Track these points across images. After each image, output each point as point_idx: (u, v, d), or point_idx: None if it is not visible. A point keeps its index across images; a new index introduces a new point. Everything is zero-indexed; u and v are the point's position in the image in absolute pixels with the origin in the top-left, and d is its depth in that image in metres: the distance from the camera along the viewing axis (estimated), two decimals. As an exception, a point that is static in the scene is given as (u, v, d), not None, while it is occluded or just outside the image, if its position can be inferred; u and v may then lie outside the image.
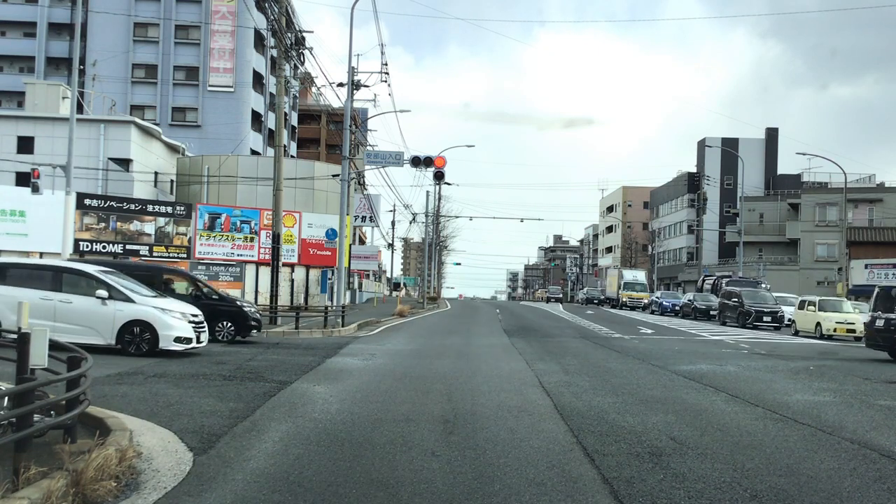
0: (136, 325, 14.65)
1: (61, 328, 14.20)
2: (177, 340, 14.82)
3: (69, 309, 14.55)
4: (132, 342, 14.63)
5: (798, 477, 6.58)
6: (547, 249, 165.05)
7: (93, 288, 14.77)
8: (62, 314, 14.46)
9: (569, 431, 8.34)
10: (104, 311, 14.60)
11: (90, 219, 33.09)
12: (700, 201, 74.96)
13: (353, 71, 29.29)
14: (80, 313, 14.60)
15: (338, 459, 6.78)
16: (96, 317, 14.61)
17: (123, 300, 14.75)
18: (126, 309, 14.68)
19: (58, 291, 14.70)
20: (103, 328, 14.62)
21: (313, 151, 68.52)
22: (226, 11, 58.41)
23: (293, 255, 38.40)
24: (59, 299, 14.56)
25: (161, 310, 14.96)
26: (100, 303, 14.58)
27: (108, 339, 14.63)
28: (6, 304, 14.33)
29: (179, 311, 15.32)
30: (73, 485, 5.31)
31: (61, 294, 14.65)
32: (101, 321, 14.60)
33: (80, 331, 14.41)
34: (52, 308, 14.43)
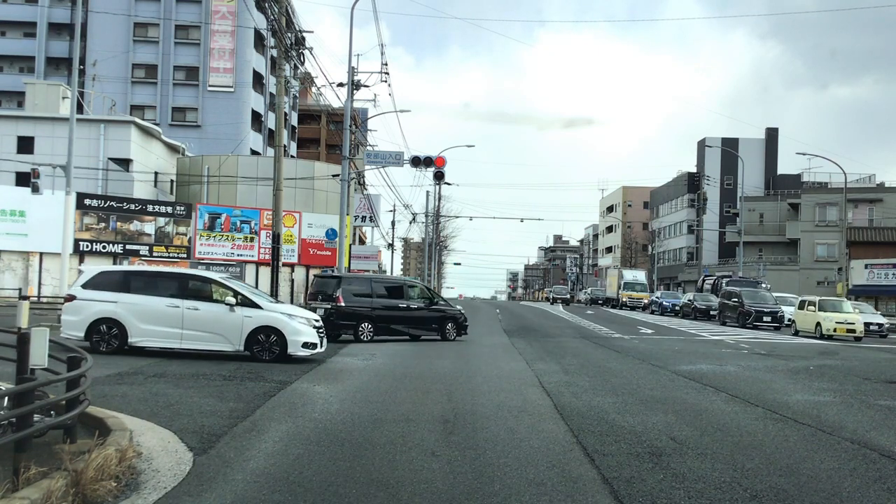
0: (264, 331, 14.50)
1: (189, 335, 14.44)
2: (304, 346, 14.70)
3: (197, 316, 14.45)
4: (261, 348, 14.49)
5: (798, 477, 6.58)
6: (547, 249, 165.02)
7: (220, 294, 14.74)
8: (190, 321, 14.40)
9: (569, 431, 8.34)
10: (232, 317, 14.46)
11: (90, 219, 33.11)
12: (700, 201, 74.97)
13: (353, 71, 29.29)
14: (208, 320, 14.50)
15: (338, 459, 6.78)
16: (225, 323, 14.46)
17: (251, 306, 14.64)
18: (254, 315, 14.53)
19: (184, 298, 14.61)
20: (232, 335, 14.46)
21: (313, 151, 68.51)
22: (226, 11, 58.41)
23: (293, 255, 38.42)
24: (187, 306, 14.44)
25: (288, 315, 14.90)
26: (228, 309, 14.47)
27: (237, 345, 14.49)
28: (133, 312, 14.53)
29: (304, 316, 15.30)
30: (73, 485, 5.31)
31: (188, 301, 14.54)
32: (229, 328, 14.46)
33: (208, 338, 14.48)
34: (180, 315, 14.40)
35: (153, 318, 14.50)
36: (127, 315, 14.49)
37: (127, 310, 14.51)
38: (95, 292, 14.77)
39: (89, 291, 14.85)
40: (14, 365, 6.60)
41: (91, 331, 14.55)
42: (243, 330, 14.44)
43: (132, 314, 14.47)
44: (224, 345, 14.50)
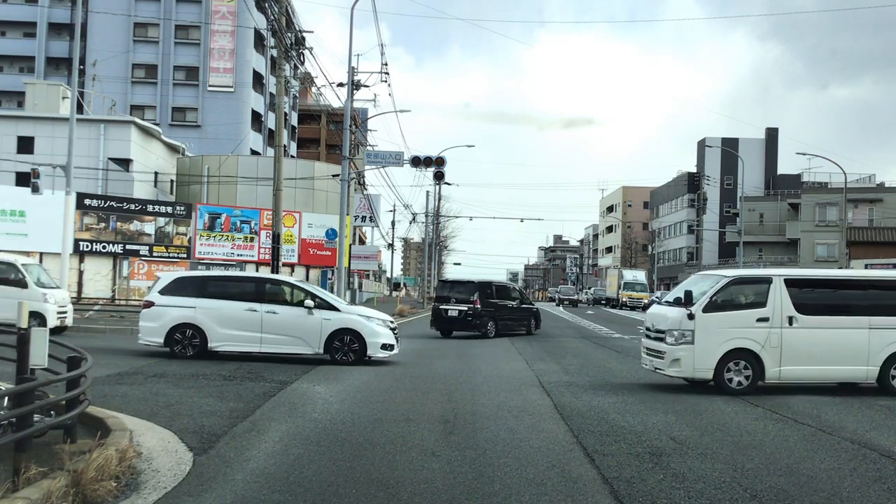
0: (343, 333, 14.55)
1: (268, 339, 14.47)
2: (383, 347, 14.72)
3: (275, 320, 14.48)
4: (340, 351, 14.52)
5: (798, 477, 6.58)
6: (547, 249, 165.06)
7: (298, 298, 14.78)
8: (269, 325, 14.41)
9: (569, 431, 8.34)
10: (311, 320, 14.49)
11: (90, 219, 33.11)
12: (700, 201, 74.96)
13: (353, 71, 29.29)
14: (287, 324, 14.51)
15: (338, 459, 6.78)
16: (304, 327, 14.49)
17: (328, 308, 14.70)
18: (333, 318, 14.59)
19: (261, 302, 14.61)
20: (311, 338, 14.49)
21: (313, 151, 68.50)
22: (226, 11, 58.40)
23: (293, 255, 38.42)
24: (265, 310, 14.47)
25: (366, 317, 14.93)
26: (306, 312, 14.52)
27: (317, 348, 14.53)
28: (212, 317, 14.51)
29: (380, 317, 15.34)
30: (73, 485, 5.31)
31: (266, 305, 14.55)
32: (308, 331, 14.49)
33: (287, 341, 14.50)
34: (259, 319, 14.42)
35: (232, 323, 14.49)
36: (206, 320, 14.48)
37: (206, 315, 14.50)
38: (173, 298, 14.71)
39: (167, 297, 14.79)
40: (14, 365, 6.60)
41: (171, 336, 14.51)
42: (322, 333, 14.46)
43: (211, 319, 14.47)
44: (304, 348, 14.51)
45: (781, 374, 11.63)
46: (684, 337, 11.58)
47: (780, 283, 11.72)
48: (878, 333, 11.76)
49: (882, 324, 11.80)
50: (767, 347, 11.53)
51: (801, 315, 11.63)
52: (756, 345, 11.53)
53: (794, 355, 11.58)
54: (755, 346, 11.54)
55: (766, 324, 11.57)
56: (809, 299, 11.94)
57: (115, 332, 21.81)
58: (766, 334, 11.53)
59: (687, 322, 11.56)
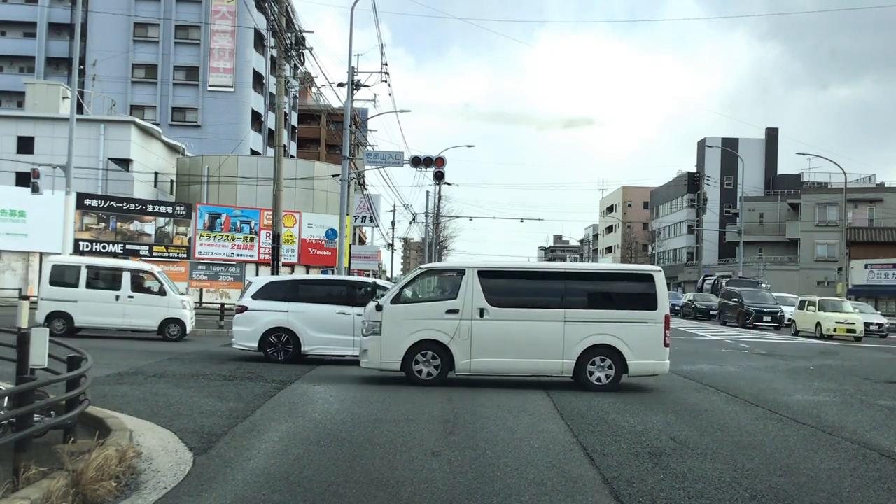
0: None
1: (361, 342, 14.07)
2: None
3: None
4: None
5: (798, 477, 6.58)
6: (547, 249, 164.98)
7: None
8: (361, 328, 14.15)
9: (569, 431, 8.34)
10: None
11: (90, 219, 33.11)
12: (700, 201, 74.93)
13: (353, 71, 29.28)
14: None
15: (338, 459, 6.78)
16: None
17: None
18: None
19: (353, 306, 14.46)
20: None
21: (313, 151, 68.48)
22: (226, 11, 58.39)
23: (293, 255, 38.42)
24: (357, 313, 14.12)
25: None
26: None
27: None
28: (304, 321, 14.42)
29: None
30: (73, 485, 5.31)
31: (358, 308, 14.20)
32: None
33: None
34: (351, 323, 14.26)
35: (325, 326, 14.41)
36: (299, 324, 14.40)
37: (298, 318, 14.42)
38: (266, 302, 14.61)
39: (259, 302, 14.68)
40: (14, 365, 6.61)
41: (264, 341, 14.43)
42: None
43: (304, 323, 14.39)
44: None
45: (472, 365, 11.63)
46: (373, 328, 11.70)
47: (472, 274, 11.71)
48: (573, 326, 11.60)
49: (577, 317, 11.64)
50: (457, 339, 11.53)
51: (493, 307, 11.57)
52: (445, 336, 11.55)
53: (484, 347, 11.53)
54: (444, 338, 11.56)
55: (456, 315, 11.57)
56: (503, 291, 11.87)
57: (115, 332, 21.78)
58: (455, 326, 11.54)
59: (375, 313, 11.72)
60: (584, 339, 11.58)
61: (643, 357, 11.60)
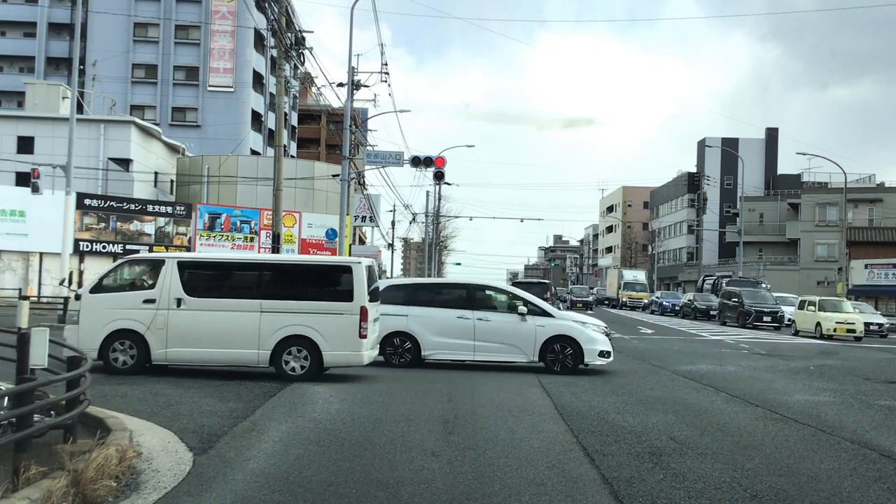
0: (558, 340, 14.00)
1: (481, 347, 14.07)
2: (600, 355, 14.11)
3: (488, 327, 14.10)
4: (556, 359, 13.96)
5: (798, 477, 6.58)
6: (547, 249, 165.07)
7: (510, 304, 14.42)
8: (482, 333, 14.06)
9: (569, 431, 8.34)
10: (525, 327, 14.03)
11: (90, 219, 33.11)
12: (700, 201, 74.95)
13: (353, 71, 29.28)
14: (500, 331, 14.10)
15: (338, 459, 6.78)
16: (517, 334, 14.03)
17: (542, 315, 14.22)
18: (547, 324, 14.08)
19: (472, 309, 14.27)
20: (525, 345, 13.99)
21: (313, 151, 68.48)
22: (226, 11, 58.39)
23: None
24: (477, 317, 14.12)
25: (581, 323, 14.49)
26: (519, 319, 14.07)
27: (531, 356, 14.03)
28: (424, 325, 14.21)
29: (594, 323, 14.91)
30: (73, 485, 5.31)
31: (477, 312, 14.20)
32: (522, 338, 14.01)
33: (501, 349, 14.07)
34: (471, 327, 14.09)
35: (444, 331, 14.22)
36: (419, 328, 14.22)
37: (418, 323, 14.25)
38: (385, 306, 14.17)
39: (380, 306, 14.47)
40: (14, 365, 6.60)
41: (385, 345, 14.17)
42: (537, 340, 13.97)
43: (423, 327, 14.21)
44: (518, 356, 14.08)
45: (168, 355, 11.77)
46: (71, 318, 11.86)
47: (172, 265, 11.88)
48: (269, 317, 11.73)
49: (274, 308, 11.78)
50: (153, 329, 11.64)
51: (190, 297, 11.70)
52: (141, 326, 11.67)
53: (181, 337, 11.65)
54: (140, 328, 11.68)
55: (153, 305, 11.70)
56: (202, 282, 12.12)
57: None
58: (152, 316, 11.66)
59: (74, 303, 11.94)
60: (280, 330, 11.77)
61: (339, 348, 11.84)
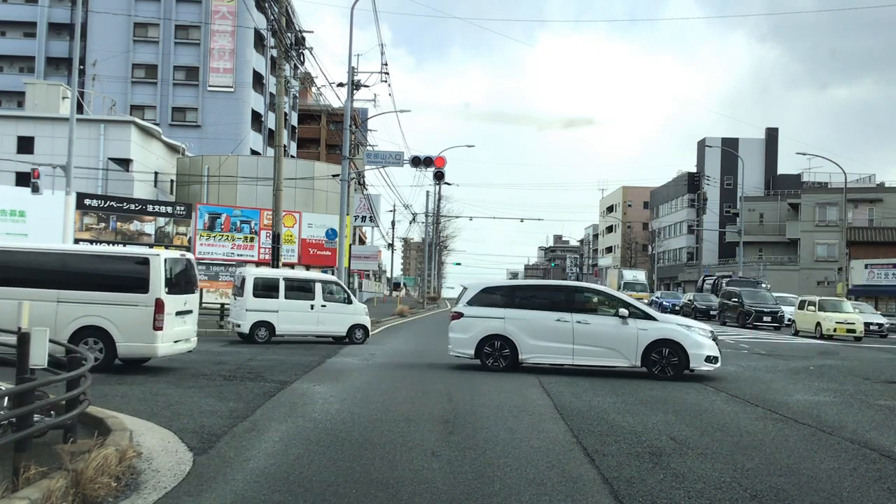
0: (661, 344, 13.47)
1: (580, 351, 13.66)
2: (707, 360, 13.47)
3: (587, 330, 13.69)
4: (658, 364, 13.44)
5: (798, 477, 6.58)
6: (547, 249, 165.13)
7: (610, 307, 14.06)
8: (581, 336, 13.67)
9: (569, 431, 8.34)
10: (626, 331, 13.59)
11: (90, 219, 33.09)
12: (700, 201, 74.96)
13: (353, 71, 29.29)
14: (600, 334, 13.68)
15: (338, 459, 6.78)
16: (618, 337, 13.60)
17: (644, 318, 13.76)
18: (649, 327, 13.58)
19: (571, 312, 13.86)
20: (627, 349, 13.53)
21: (313, 151, 68.48)
22: (226, 11, 58.39)
23: (293, 255, 38.39)
24: (576, 320, 13.72)
25: (686, 327, 13.95)
26: (620, 322, 13.64)
27: (633, 360, 13.55)
28: (521, 328, 13.92)
29: (700, 326, 14.42)
30: (73, 485, 5.31)
31: (577, 315, 13.79)
32: (623, 342, 13.56)
33: (600, 353, 13.66)
34: (570, 330, 13.70)
35: (542, 334, 13.85)
36: (516, 331, 13.90)
37: (515, 325, 13.92)
38: (481, 308, 14.28)
39: (475, 308, 14.35)
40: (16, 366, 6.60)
41: (481, 348, 14.01)
42: (639, 344, 13.50)
43: (521, 330, 13.89)
44: (619, 360, 13.63)
45: None
46: None
47: None
48: (66, 307, 12.03)
49: (70, 298, 12.07)
50: None
51: None
52: None
53: None
54: None
55: None
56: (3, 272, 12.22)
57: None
58: None
59: None
60: (76, 320, 12.00)
61: (133, 340, 12.04)
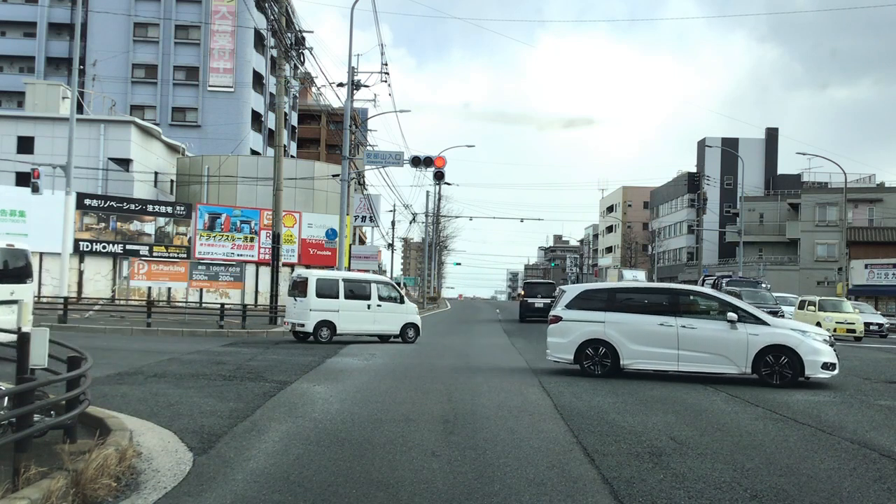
0: (773, 350, 12.88)
1: (686, 357, 13.14)
2: (824, 367, 12.91)
3: (693, 335, 13.12)
4: (772, 371, 12.87)
5: (798, 477, 6.58)
6: (547, 249, 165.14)
7: (719, 310, 13.42)
8: (686, 341, 13.12)
9: (569, 431, 8.33)
10: (735, 335, 12.98)
11: (90, 219, 33.08)
12: (700, 201, 74.93)
13: (353, 71, 29.29)
14: (707, 339, 13.10)
15: (338, 459, 6.78)
16: (727, 343, 13.01)
17: (755, 322, 13.10)
18: (761, 332, 12.96)
19: (675, 316, 13.32)
20: (736, 355, 12.95)
21: (313, 151, 68.48)
22: (226, 11, 58.38)
23: (293, 255, 38.40)
24: (681, 324, 13.18)
25: (801, 332, 13.25)
26: (729, 326, 13.03)
27: (743, 367, 12.97)
28: (622, 332, 13.44)
29: (815, 331, 13.70)
30: (73, 485, 5.31)
31: (682, 318, 13.26)
32: (732, 347, 12.97)
33: (708, 359, 13.10)
34: (674, 335, 13.16)
35: (644, 339, 13.36)
36: (617, 335, 13.45)
37: (616, 330, 13.47)
38: (580, 312, 13.86)
39: (574, 311, 13.95)
40: (14, 365, 6.60)
41: (580, 353, 13.63)
42: (749, 350, 12.91)
43: (622, 334, 13.43)
44: (728, 367, 13.03)
45: None
46: None
47: None
48: None
49: None
50: None
51: None
52: None
53: None
54: None
55: None
56: None
57: (114, 332, 21.82)
58: None
59: None
60: None
61: None
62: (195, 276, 32.89)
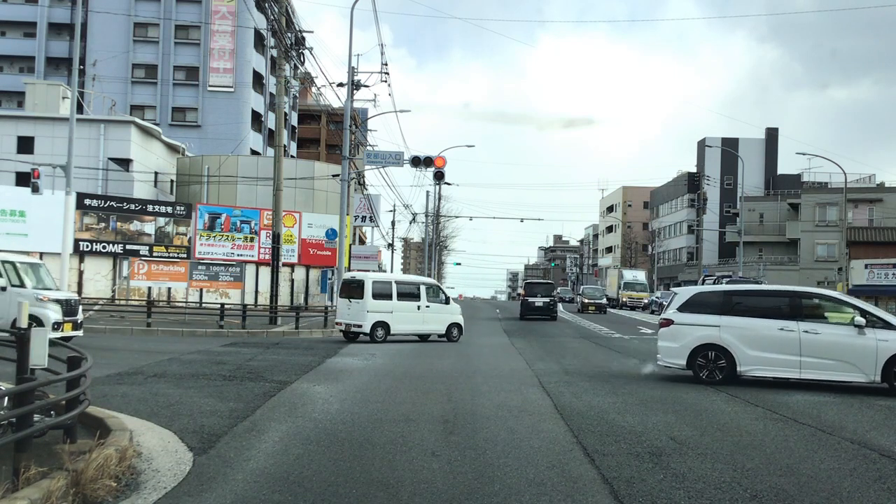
0: None
1: (808, 363, 12.52)
2: None
3: (816, 340, 12.47)
4: None
5: (798, 477, 6.58)
6: (547, 249, 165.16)
7: (844, 315, 12.77)
8: (808, 347, 12.48)
9: (569, 431, 8.33)
10: (863, 342, 12.26)
11: (90, 219, 33.08)
12: (700, 201, 74.89)
13: (353, 71, 29.28)
14: (832, 346, 12.44)
15: (338, 459, 6.78)
16: (853, 349, 12.32)
17: (885, 327, 12.34)
18: (891, 338, 12.18)
19: (796, 320, 12.66)
20: (864, 363, 12.24)
21: (313, 151, 68.47)
22: (226, 11, 58.38)
23: (293, 255, 38.40)
24: (803, 329, 12.54)
25: None
26: (856, 332, 12.32)
27: (871, 375, 12.23)
28: (739, 337, 12.86)
29: None
30: (73, 485, 5.31)
31: (803, 323, 12.60)
32: (860, 354, 12.27)
33: (833, 366, 12.45)
34: (796, 340, 12.52)
35: (763, 344, 12.72)
36: (732, 340, 12.83)
37: (732, 334, 12.86)
38: (693, 315, 13.29)
39: (686, 315, 13.38)
40: (14, 365, 6.60)
41: (693, 358, 13.05)
42: (878, 357, 12.17)
43: (738, 339, 12.81)
44: (854, 375, 12.34)
45: None
46: None
47: None
48: None
49: None
50: None
51: None
52: None
53: None
54: None
55: None
56: None
57: (115, 332, 21.83)
58: None
59: None
60: None
61: None
62: (195, 276, 32.91)
